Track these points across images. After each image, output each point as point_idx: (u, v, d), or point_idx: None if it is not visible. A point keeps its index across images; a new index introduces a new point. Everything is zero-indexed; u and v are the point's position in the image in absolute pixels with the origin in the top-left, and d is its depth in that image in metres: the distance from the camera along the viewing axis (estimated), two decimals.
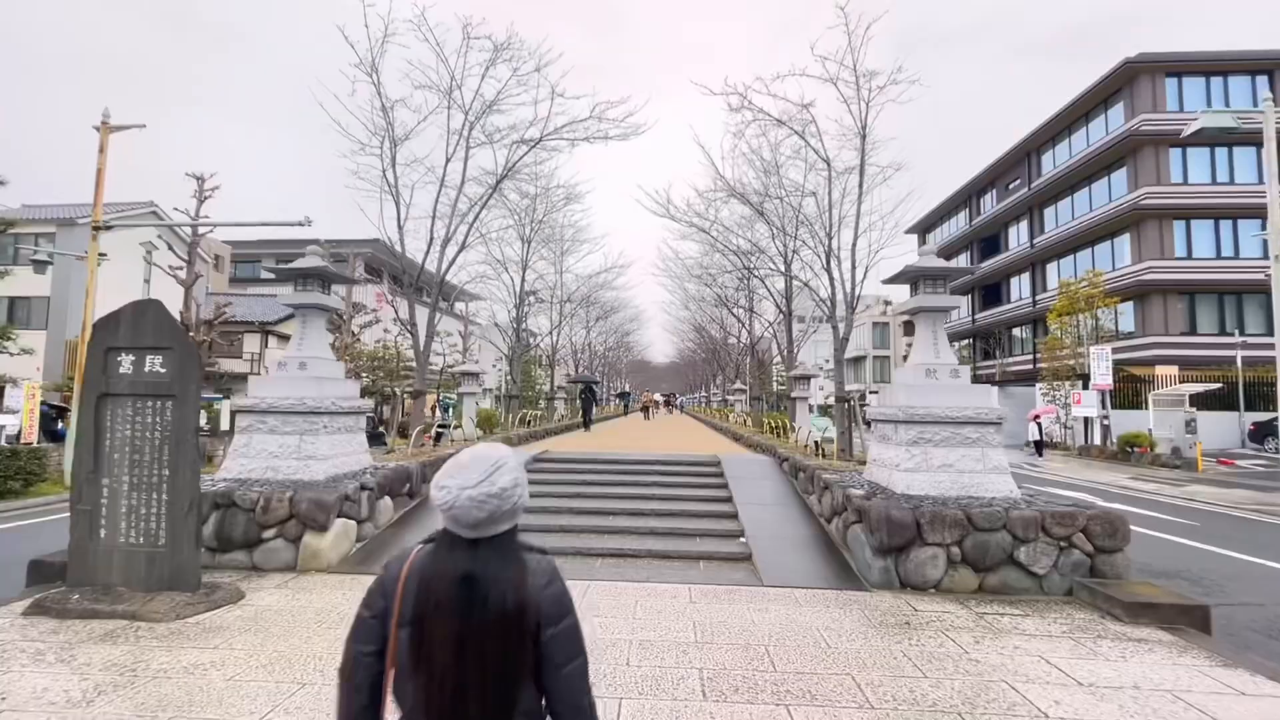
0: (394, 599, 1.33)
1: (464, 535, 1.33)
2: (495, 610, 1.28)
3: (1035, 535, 5.64)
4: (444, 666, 1.26)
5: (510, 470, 1.34)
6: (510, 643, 1.29)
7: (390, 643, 1.32)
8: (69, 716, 3.17)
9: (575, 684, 1.35)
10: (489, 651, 1.28)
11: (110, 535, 4.91)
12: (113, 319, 5.06)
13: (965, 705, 3.45)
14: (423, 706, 1.28)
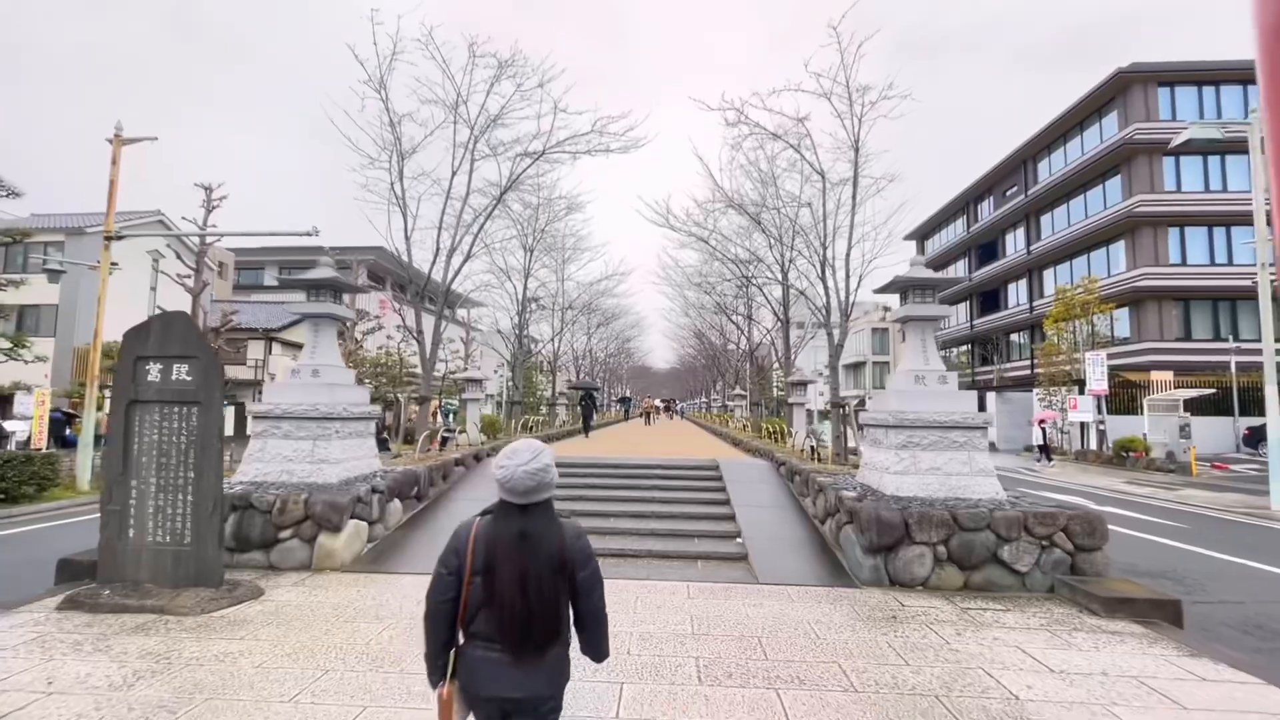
0: (465, 556, 1.83)
1: (518, 503, 1.90)
2: (545, 557, 1.87)
3: (1018, 535, 5.90)
4: (512, 599, 1.83)
5: (547, 455, 1.91)
6: (557, 579, 1.88)
7: (464, 589, 1.82)
8: (112, 699, 3.43)
9: (598, 603, 1.99)
10: (544, 586, 1.85)
11: (138, 534, 5.18)
12: (142, 330, 5.35)
13: (942, 689, 3.71)
14: (497, 630, 1.85)
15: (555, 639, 1.91)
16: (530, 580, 1.85)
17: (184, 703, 3.40)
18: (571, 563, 1.91)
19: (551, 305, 21.15)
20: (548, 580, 1.87)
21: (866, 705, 3.48)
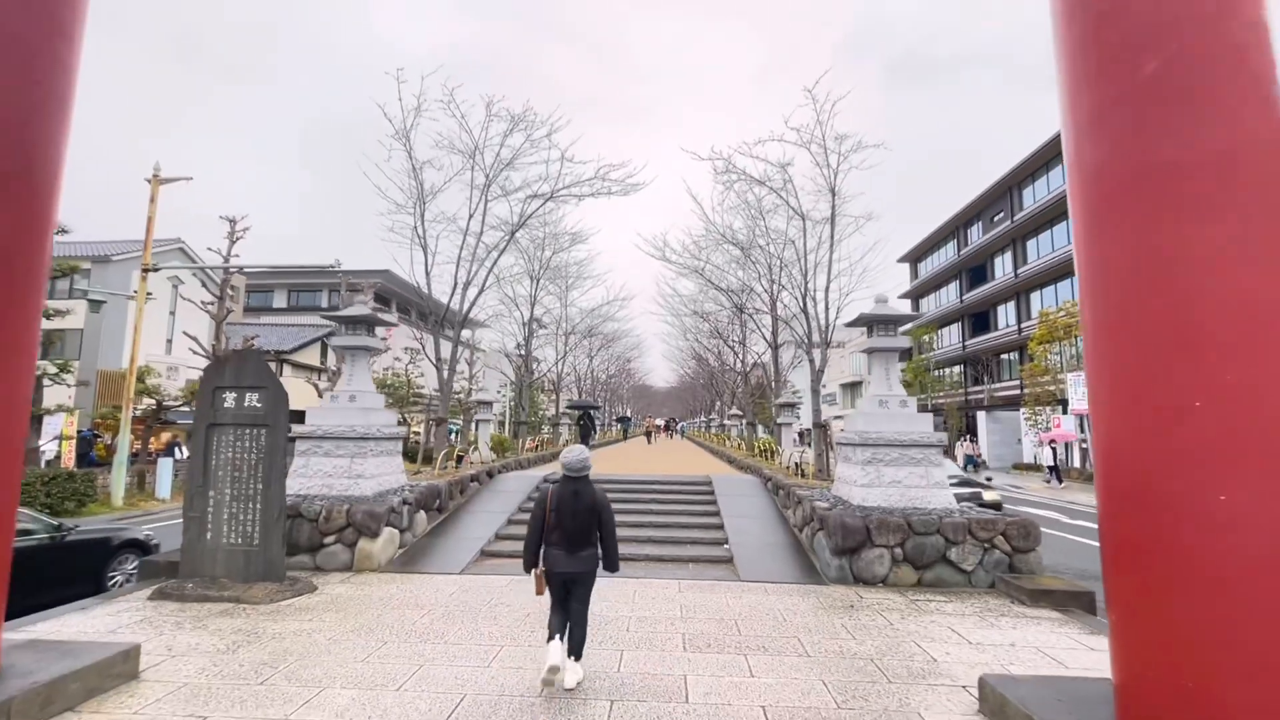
0: (546, 503, 3.55)
1: (572, 475, 3.82)
2: (585, 503, 3.83)
3: (963, 538, 6.84)
4: (568, 523, 3.76)
5: (586, 451, 3.69)
6: (591, 515, 3.84)
7: (546, 517, 3.52)
8: (224, 659, 4.38)
9: (611, 530, 3.94)
10: (582, 518, 3.80)
11: (215, 537, 6.14)
12: (220, 365, 6.38)
13: (878, 655, 4.64)
14: (560, 539, 3.78)
15: (589, 545, 3.86)
16: (578, 515, 3.79)
17: (280, 662, 4.34)
18: (598, 506, 3.89)
19: (555, 329, 22.17)
20: (584, 515, 3.81)
21: (814, 665, 4.42)
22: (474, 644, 4.77)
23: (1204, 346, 2.74)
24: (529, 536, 3.86)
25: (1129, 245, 3.01)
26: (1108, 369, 3.14)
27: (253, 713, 3.57)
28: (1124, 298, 3.03)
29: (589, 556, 3.84)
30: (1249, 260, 2.74)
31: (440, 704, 3.70)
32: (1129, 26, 3.05)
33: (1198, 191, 2.82)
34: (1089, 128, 3.21)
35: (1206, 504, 2.70)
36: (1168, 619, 2.82)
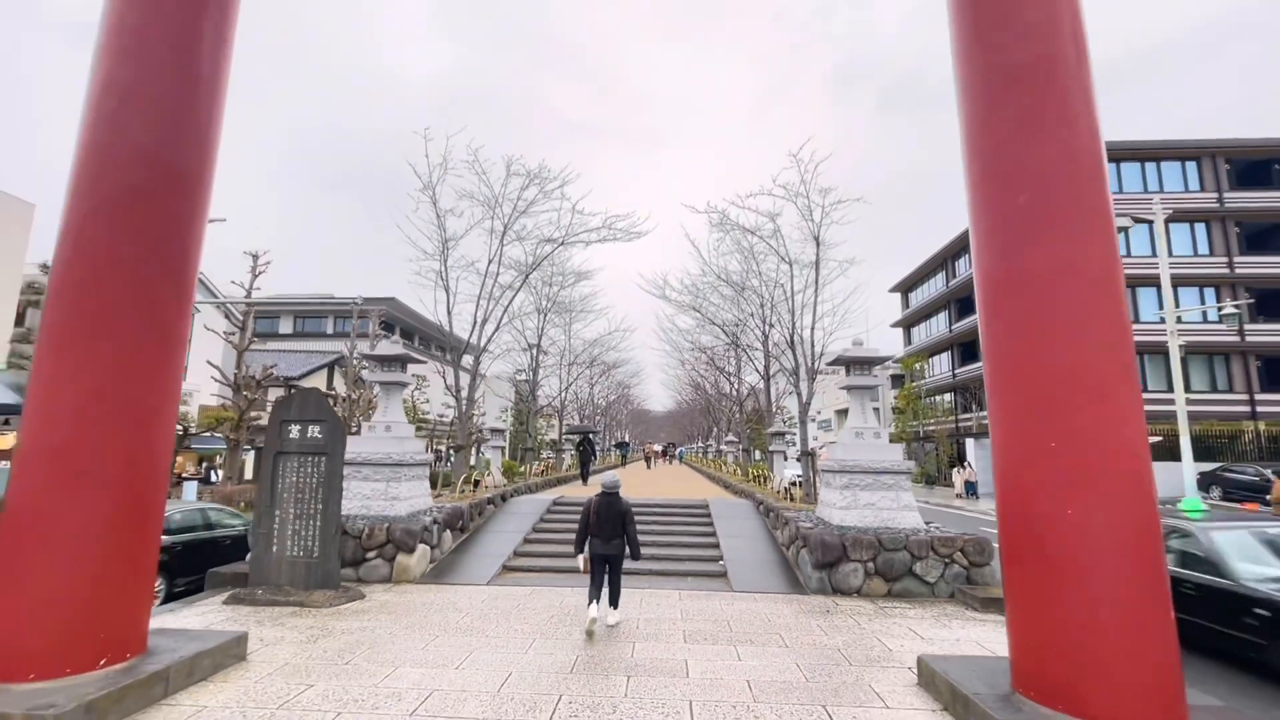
0: (591, 510, 5.31)
1: (608, 491, 6.11)
2: (616, 510, 6.08)
3: (927, 554, 7.84)
4: (604, 522, 5.97)
5: (617, 475, 5.66)
6: (619, 517, 6.04)
7: (591, 519, 5.33)
8: (307, 648, 5.35)
9: (634, 530, 6.17)
10: (614, 520, 6.01)
11: (280, 550, 7.12)
12: (286, 401, 7.43)
13: (844, 646, 5.63)
14: (599, 533, 5.97)
15: (618, 537, 5.99)
16: (611, 518, 5.97)
17: (355, 649, 5.32)
18: (625, 512, 6.06)
19: (560, 359, 23.23)
20: (616, 518, 5.99)
21: (791, 653, 5.41)
22: (511, 637, 5.74)
23: (1054, 404, 3.84)
24: (579, 532, 6.09)
25: (1005, 328, 4.14)
26: (999, 417, 4.23)
27: (348, 683, 4.54)
28: (1005, 366, 4.15)
29: (618, 544, 6.03)
30: (1083, 343, 3.85)
31: (493, 677, 4.68)
32: (1010, 169, 4.21)
33: (1050, 291, 3.95)
34: (985, 239, 4.36)
35: (1061, 517, 3.76)
36: (1040, 603, 3.87)
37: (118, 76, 4.64)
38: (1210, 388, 27.81)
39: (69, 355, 4.35)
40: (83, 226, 4.47)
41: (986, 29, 4.36)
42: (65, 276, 4.45)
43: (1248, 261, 27.84)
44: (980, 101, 4.36)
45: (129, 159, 4.59)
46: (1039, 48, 4.13)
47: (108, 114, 4.61)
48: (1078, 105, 4.11)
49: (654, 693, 4.47)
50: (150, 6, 4.78)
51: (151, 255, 4.61)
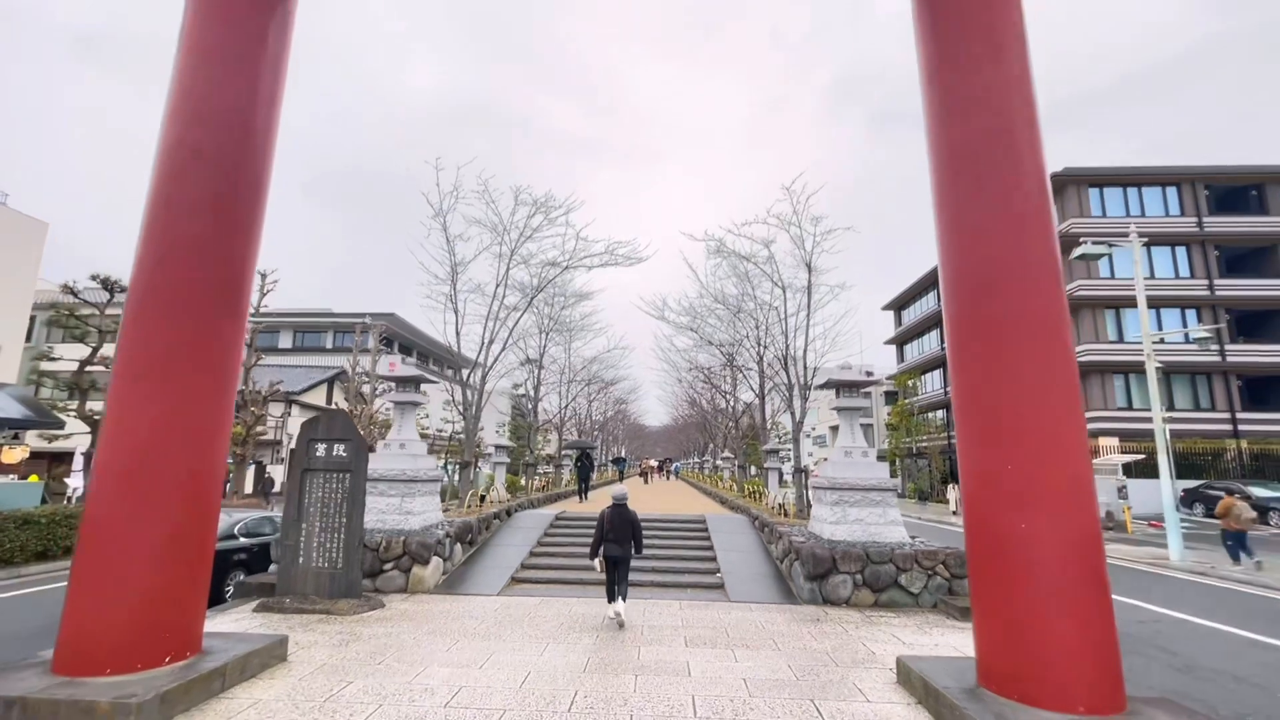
0: (605, 520, 6.13)
1: (618, 503, 7.12)
2: (628, 521, 7.10)
3: (911, 566, 8.38)
4: (615, 529, 6.95)
5: (625, 488, 6.45)
6: (627, 525, 7.06)
7: (605, 527, 6.08)
8: (340, 650, 5.83)
9: (640, 535, 7.21)
10: (623, 528, 7.01)
11: (306, 561, 7.60)
12: (314, 422, 7.96)
13: (832, 650, 6.15)
14: (612, 538, 6.94)
15: (627, 542, 7.01)
16: (621, 525, 6.99)
17: (384, 651, 5.80)
18: (634, 523, 7.10)
19: (560, 377, 23.77)
20: (625, 526, 7.01)
21: (783, 655, 5.93)
22: (526, 642, 6.24)
23: (1008, 432, 4.43)
24: (594, 539, 7.04)
25: (968, 365, 4.74)
26: (964, 443, 4.81)
27: (383, 680, 5.04)
28: (968, 398, 4.74)
29: (627, 548, 7.05)
30: (1031, 379, 4.44)
31: (514, 675, 5.19)
32: (969, 229, 4.83)
33: (1004, 335, 4.55)
34: (952, 288, 4.97)
35: (1015, 531, 4.33)
36: (998, 607, 4.42)
37: (186, 137, 5.23)
38: (1193, 406, 28.52)
39: (141, 387, 4.89)
40: (154, 271, 5.04)
41: (950, 110, 5.01)
42: (138, 316, 5.01)
43: (1227, 284, 28.71)
44: (944, 170, 5.00)
45: (194, 210, 5.18)
46: (993, 123, 4.77)
47: (176, 171, 5.20)
48: (1028, 171, 4.74)
49: (660, 689, 4.98)
50: (215, 76, 5.39)
51: (212, 296, 5.18)
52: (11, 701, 3.97)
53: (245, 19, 5.60)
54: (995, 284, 4.64)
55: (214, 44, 5.45)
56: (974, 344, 4.73)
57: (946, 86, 5.09)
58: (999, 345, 4.57)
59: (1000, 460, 4.45)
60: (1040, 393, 4.42)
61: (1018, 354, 4.50)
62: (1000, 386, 4.51)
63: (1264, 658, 6.93)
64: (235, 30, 5.54)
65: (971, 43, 5.01)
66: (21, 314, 22.20)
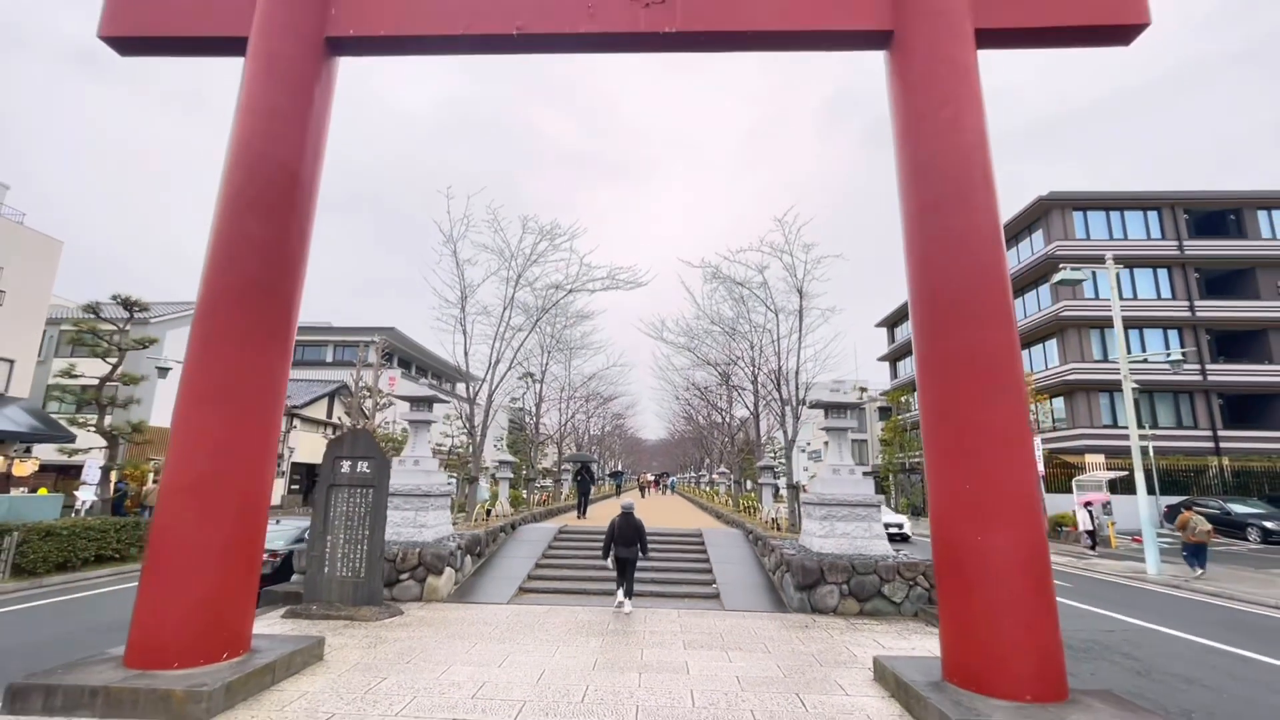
0: (615, 527, 7.35)
1: (626, 511, 8.76)
2: (634, 527, 8.69)
3: (894, 577, 8.98)
4: (624, 533, 8.59)
5: (632, 500, 7.67)
6: (633, 530, 8.64)
7: (615, 533, 7.37)
8: (370, 651, 6.39)
9: (645, 540, 8.79)
10: (630, 533, 8.61)
11: (331, 570, 8.16)
12: (340, 440, 8.56)
13: (818, 652, 6.75)
14: (621, 540, 8.57)
15: (635, 544, 8.57)
16: (628, 530, 8.60)
17: (410, 653, 6.37)
18: (639, 529, 8.68)
19: (560, 394, 24.39)
20: (632, 531, 8.61)
21: (772, 657, 6.52)
22: (538, 645, 6.82)
23: (966, 454, 5.08)
24: (606, 541, 8.70)
25: (933, 394, 5.41)
26: (930, 464, 5.46)
27: (414, 676, 5.62)
28: (933, 424, 5.40)
29: (634, 550, 8.53)
30: (986, 407, 5.11)
31: (530, 673, 5.77)
32: (934, 275, 5.52)
33: (962, 369, 5.22)
34: (919, 327, 5.65)
35: (973, 543, 4.97)
36: (959, 610, 5.05)
37: (245, 190, 5.90)
38: (1176, 424, 29.27)
39: (203, 414, 5.51)
40: (215, 308, 5.68)
41: (916, 171, 5.73)
42: (200, 349, 5.64)
43: (1207, 305, 29.61)
44: (912, 221, 5.71)
45: (250, 253, 5.83)
46: (951, 186, 5.49)
47: (234, 218, 5.86)
48: (983, 225, 5.44)
49: (662, 684, 5.57)
50: (270, 136, 6.07)
51: (264, 331, 5.82)
52: (96, 690, 4.55)
53: (294, 82, 6.29)
54: (954, 324, 5.33)
55: (268, 105, 6.14)
56: (937, 376, 5.41)
57: (914, 151, 5.81)
58: (957, 377, 5.24)
59: (960, 480, 5.10)
60: (992, 420, 5.09)
61: (973, 386, 5.17)
62: (959, 414, 5.18)
63: (1217, 662, 7.54)
64: (286, 92, 6.23)
65: (937, 111, 5.74)
66: (35, 330, 22.77)
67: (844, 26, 6.19)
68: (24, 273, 21.95)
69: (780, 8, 6.20)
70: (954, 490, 5.14)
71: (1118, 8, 5.98)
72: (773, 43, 6.43)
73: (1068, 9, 6.02)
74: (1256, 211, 30.38)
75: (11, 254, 21.68)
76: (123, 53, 6.74)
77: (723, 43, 6.44)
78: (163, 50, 6.75)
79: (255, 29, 6.31)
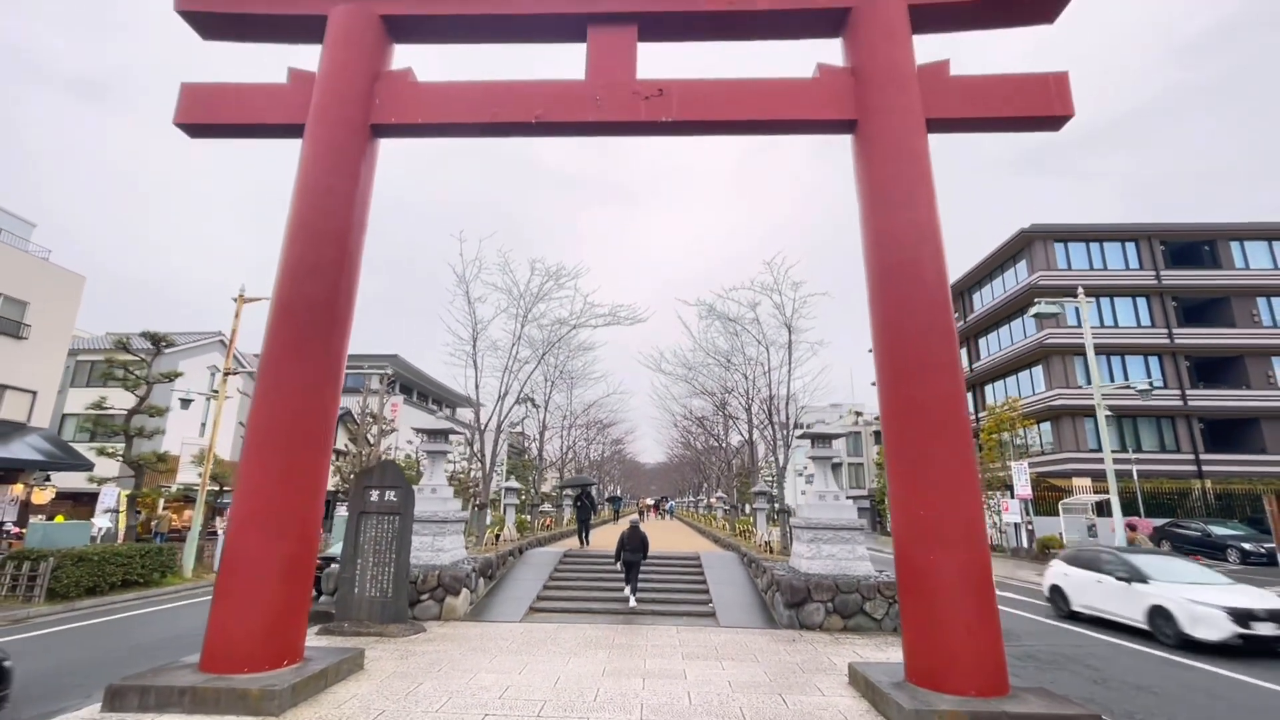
0: (625, 536, 8.98)
1: (633, 525, 9.75)
2: (640, 537, 10.88)
3: (875, 595, 9.80)
4: (632, 541, 10.73)
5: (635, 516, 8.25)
6: (642, 541, 10.86)
7: (625, 542, 8.92)
8: (403, 662, 7.19)
9: (648, 547, 11.05)
10: (638, 539, 10.77)
11: (360, 590, 8.97)
12: (370, 471, 9.43)
13: (802, 662, 7.56)
14: (630, 547, 10.72)
15: (640, 551, 10.78)
16: (635, 538, 10.76)
17: (439, 664, 7.17)
18: (644, 538, 10.90)
19: (562, 421, 25.26)
20: (638, 540, 10.81)
21: (761, 665, 7.33)
22: (551, 656, 7.62)
23: (920, 486, 5.99)
24: (617, 548, 10.68)
25: (893, 433, 6.33)
26: (893, 495, 6.36)
27: (446, 682, 6.42)
28: (894, 459, 6.32)
29: (639, 555, 10.58)
30: (935, 446, 6.03)
31: (547, 679, 6.58)
32: (894, 330, 6.49)
33: (917, 413, 6.15)
34: (882, 376, 6.61)
35: (926, 562, 5.85)
36: (917, 620, 5.90)
37: (304, 258, 6.88)
38: (1159, 448, 30.15)
39: (268, 451, 6.40)
40: (280, 358, 6.62)
41: (878, 242, 6.74)
42: (266, 394, 6.56)
43: (1186, 333, 30.72)
44: (874, 283, 6.70)
45: (305, 311, 6.79)
46: (906, 255, 6.48)
47: (293, 283, 6.82)
48: (933, 289, 6.42)
49: (662, 687, 6.38)
50: (323, 211, 7.07)
51: (318, 381, 6.75)
52: (184, 690, 5.37)
53: (344, 163, 7.31)
54: (909, 373, 6.27)
55: (322, 184, 7.16)
56: (896, 417, 6.34)
57: (875, 222, 6.82)
58: (911, 420, 6.17)
59: (916, 508, 6.00)
60: (940, 457, 6.00)
61: (924, 427, 6.10)
62: (913, 450, 6.10)
63: (1169, 672, 8.34)
64: (337, 172, 7.25)
65: (894, 190, 6.76)
66: (58, 362, 23.65)
67: (815, 117, 7.27)
68: (48, 307, 22.91)
69: (761, 101, 7.28)
70: (911, 516, 6.04)
71: (1045, 103, 7.06)
72: (755, 129, 7.50)
73: (1004, 104, 7.11)
74: (1230, 242, 31.70)
75: (37, 289, 22.67)
76: (193, 136, 7.78)
77: (712, 129, 7.51)
78: (229, 134, 7.81)
79: (311, 118, 7.36)
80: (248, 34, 8.06)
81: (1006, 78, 7.20)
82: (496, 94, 7.47)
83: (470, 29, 7.98)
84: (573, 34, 7.87)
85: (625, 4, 7.65)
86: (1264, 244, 31.55)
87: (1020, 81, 7.17)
